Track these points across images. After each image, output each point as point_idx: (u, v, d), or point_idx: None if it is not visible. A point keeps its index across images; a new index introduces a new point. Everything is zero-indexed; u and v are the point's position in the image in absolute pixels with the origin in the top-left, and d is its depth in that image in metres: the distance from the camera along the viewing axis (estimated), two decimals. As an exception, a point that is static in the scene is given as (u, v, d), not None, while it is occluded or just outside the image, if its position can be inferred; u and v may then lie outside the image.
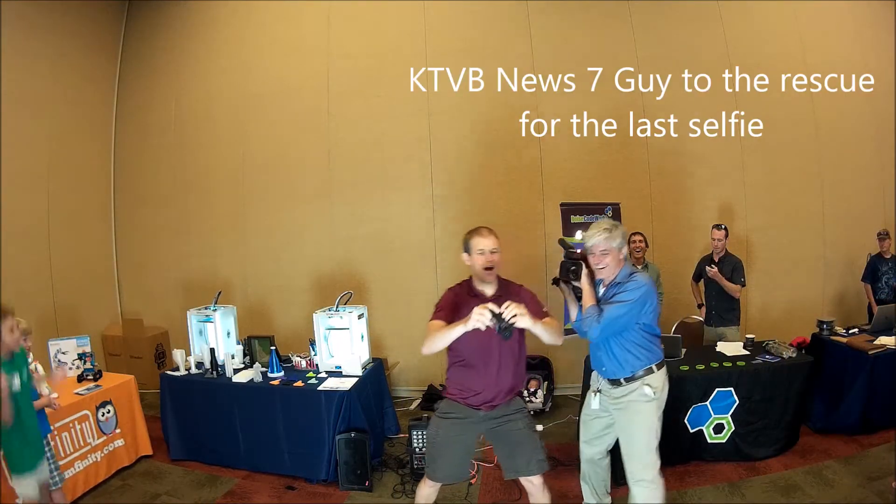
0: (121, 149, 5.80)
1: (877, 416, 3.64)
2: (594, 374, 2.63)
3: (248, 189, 5.44)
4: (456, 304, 2.30)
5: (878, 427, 3.66)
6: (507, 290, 2.37)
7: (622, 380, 2.45)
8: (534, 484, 2.45)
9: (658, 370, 2.46)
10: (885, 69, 5.10)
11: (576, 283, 2.51)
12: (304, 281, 5.29)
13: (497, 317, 1.98)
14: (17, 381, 2.47)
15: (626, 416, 2.47)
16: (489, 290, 2.36)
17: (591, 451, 2.69)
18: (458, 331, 2.07)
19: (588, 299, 2.44)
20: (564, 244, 2.60)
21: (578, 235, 4.05)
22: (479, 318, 1.99)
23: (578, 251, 2.56)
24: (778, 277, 4.37)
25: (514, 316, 1.98)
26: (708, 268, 4.16)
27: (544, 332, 2.17)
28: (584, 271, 2.47)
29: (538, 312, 2.25)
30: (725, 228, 4.23)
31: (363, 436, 3.33)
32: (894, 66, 5.15)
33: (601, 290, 2.52)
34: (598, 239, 2.40)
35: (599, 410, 2.58)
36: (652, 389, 2.42)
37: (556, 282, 2.62)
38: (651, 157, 5.01)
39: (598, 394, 2.57)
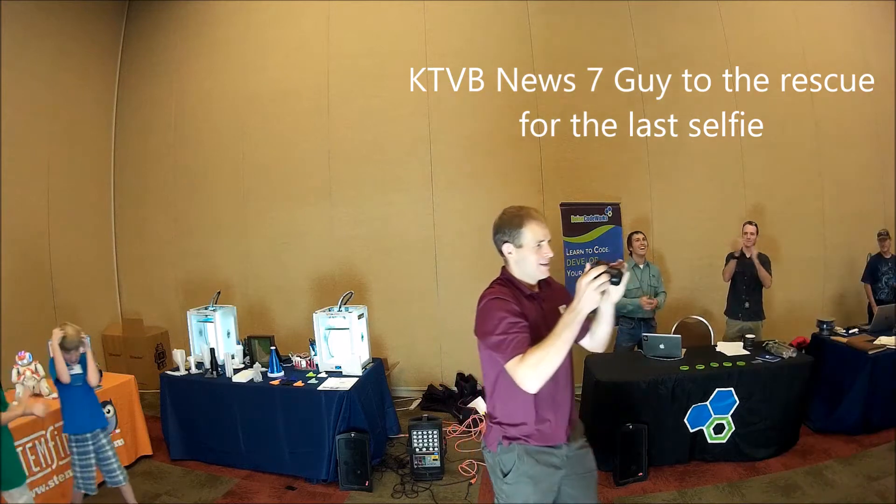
0: (121, 149, 5.80)
1: (877, 417, 3.64)
2: None
3: (248, 189, 5.44)
4: (521, 312, 1.67)
5: (878, 427, 3.66)
6: (548, 284, 1.86)
7: None
8: None
9: None
10: (885, 69, 5.10)
11: None
12: (304, 281, 5.29)
13: (613, 273, 1.51)
14: None
15: None
16: (536, 287, 1.82)
17: None
18: (574, 329, 1.50)
19: None
20: None
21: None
22: (596, 293, 1.49)
23: None
24: (778, 277, 4.36)
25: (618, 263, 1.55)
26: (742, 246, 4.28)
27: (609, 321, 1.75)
28: None
29: None
30: (756, 225, 4.30)
31: (363, 436, 3.33)
32: (894, 66, 5.15)
33: None
34: None
35: None
36: None
37: None
38: (651, 157, 5.01)
39: None
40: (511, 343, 1.58)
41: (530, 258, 1.72)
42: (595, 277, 1.50)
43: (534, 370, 1.51)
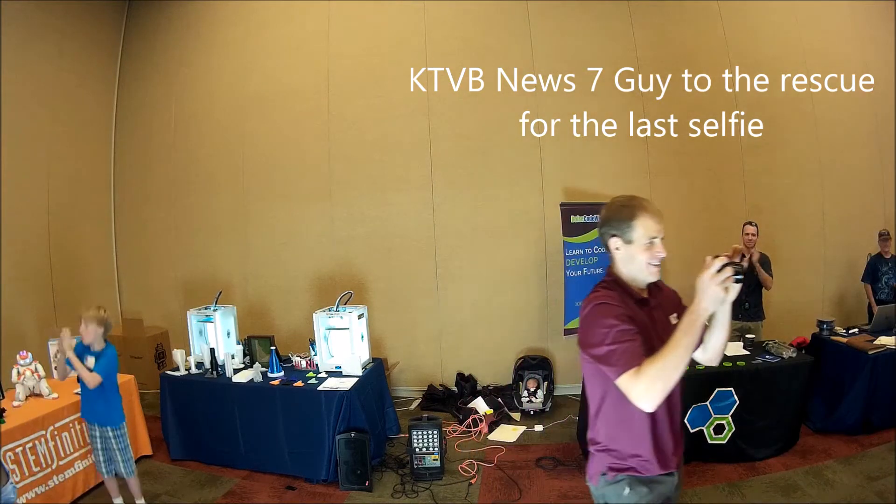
0: (121, 149, 5.80)
1: (877, 417, 3.65)
2: None
3: (249, 189, 5.44)
4: (631, 319, 1.45)
5: (878, 427, 3.66)
6: (659, 288, 1.63)
7: None
8: None
9: None
10: (885, 69, 5.10)
11: None
12: (304, 281, 5.28)
13: (736, 266, 1.32)
14: None
15: None
16: (646, 292, 1.59)
17: None
18: (695, 335, 1.31)
19: None
20: None
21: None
22: (720, 289, 1.29)
23: None
24: (778, 277, 4.37)
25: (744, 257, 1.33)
26: (740, 248, 4.23)
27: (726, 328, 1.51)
28: None
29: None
30: (756, 225, 4.31)
31: (363, 436, 3.33)
32: (894, 66, 5.15)
33: None
34: None
35: None
36: None
37: None
38: (651, 157, 5.01)
39: None
40: (624, 354, 1.37)
41: (639, 257, 1.50)
42: (718, 271, 1.31)
43: (652, 384, 1.30)
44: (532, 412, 4.47)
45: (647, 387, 1.31)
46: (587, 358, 1.48)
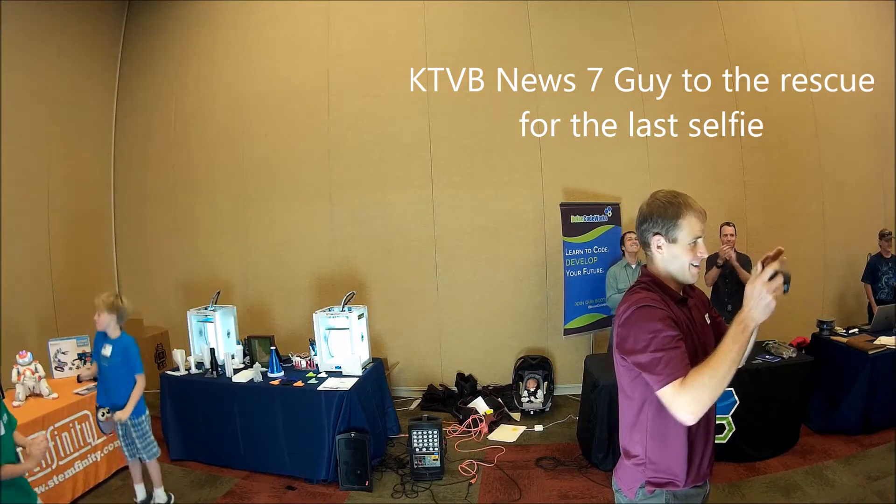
0: (121, 148, 5.80)
1: (877, 417, 3.64)
2: None
3: (248, 189, 5.44)
4: (674, 321, 1.40)
5: (878, 427, 3.66)
6: (691, 287, 1.57)
7: None
8: None
9: None
10: (885, 69, 5.10)
11: None
12: (304, 281, 5.29)
13: (786, 275, 1.28)
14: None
15: None
16: (681, 291, 1.52)
17: None
18: (743, 345, 1.28)
19: None
20: None
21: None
22: (772, 297, 1.26)
23: None
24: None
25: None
26: (724, 248, 4.22)
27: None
28: None
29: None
30: (734, 225, 4.30)
31: (363, 436, 3.33)
32: (894, 66, 5.15)
33: None
34: None
35: None
36: None
37: None
38: (651, 157, 5.01)
39: None
40: (668, 363, 1.29)
41: (683, 257, 1.43)
42: (771, 278, 1.26)
43: (697, 397, 1.24)
44: (532, 412, 4.47)
45: (692, 399, 1.24)
46: (626, 364, 1.41)
